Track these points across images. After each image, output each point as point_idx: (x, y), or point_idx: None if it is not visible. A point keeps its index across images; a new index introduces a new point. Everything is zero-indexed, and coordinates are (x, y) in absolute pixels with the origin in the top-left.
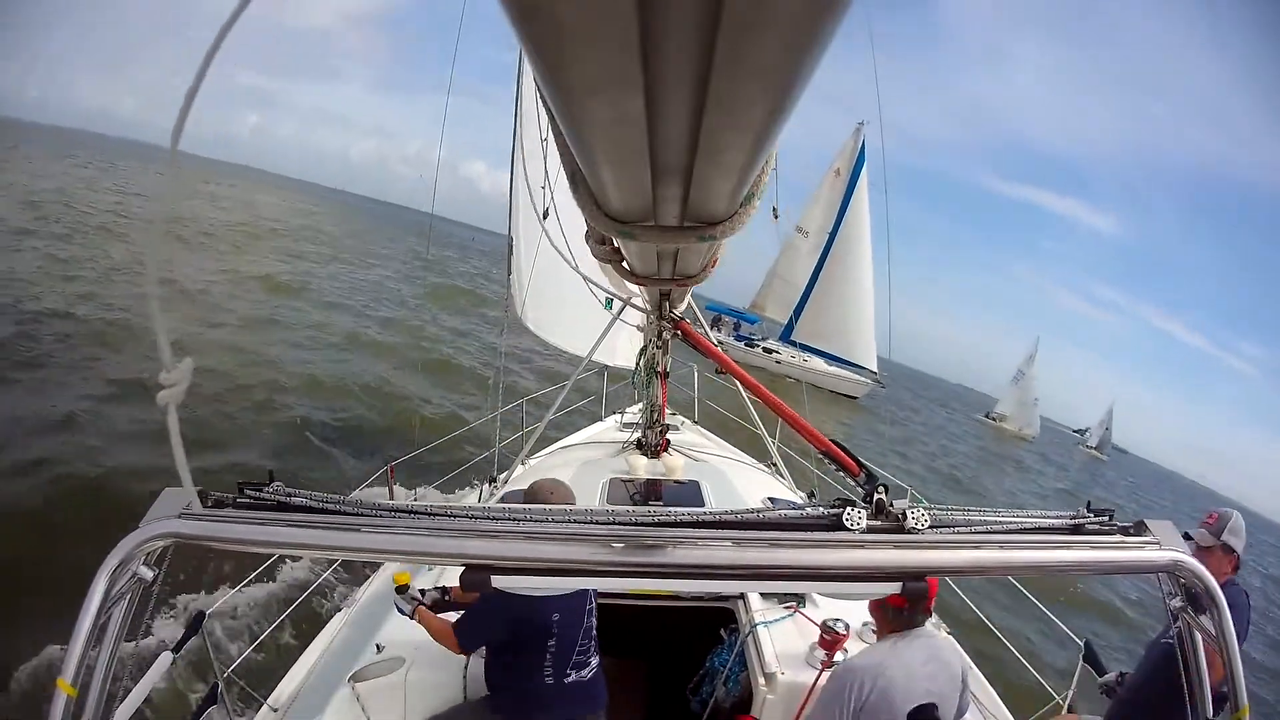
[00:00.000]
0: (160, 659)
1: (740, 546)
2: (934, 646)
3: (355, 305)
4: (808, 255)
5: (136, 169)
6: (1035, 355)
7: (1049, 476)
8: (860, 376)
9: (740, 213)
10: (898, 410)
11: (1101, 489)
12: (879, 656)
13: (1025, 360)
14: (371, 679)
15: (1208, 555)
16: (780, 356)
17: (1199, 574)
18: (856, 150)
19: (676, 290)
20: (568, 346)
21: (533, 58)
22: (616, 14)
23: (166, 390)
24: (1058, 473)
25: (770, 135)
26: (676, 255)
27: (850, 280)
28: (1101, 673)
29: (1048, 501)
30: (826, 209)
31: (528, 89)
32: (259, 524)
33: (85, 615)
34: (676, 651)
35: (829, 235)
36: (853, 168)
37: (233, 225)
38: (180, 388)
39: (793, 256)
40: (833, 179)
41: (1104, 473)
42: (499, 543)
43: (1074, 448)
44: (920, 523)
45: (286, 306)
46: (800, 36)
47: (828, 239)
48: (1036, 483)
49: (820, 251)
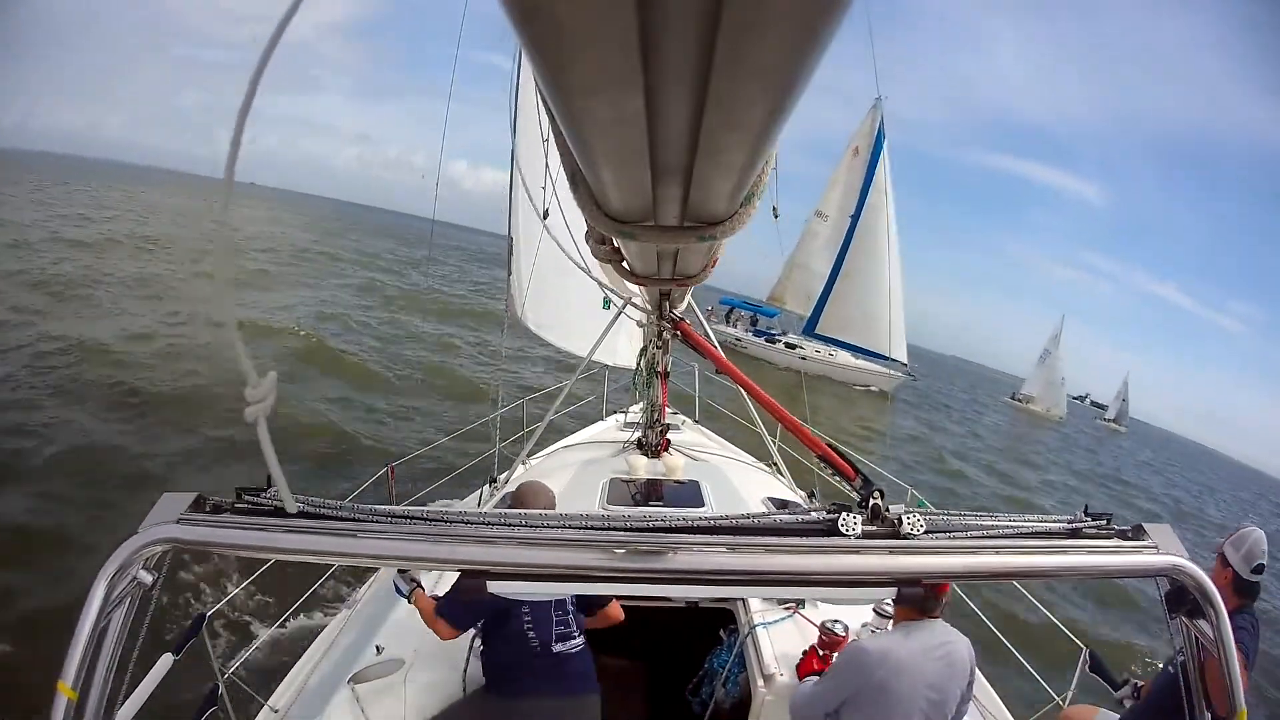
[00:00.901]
0: (161, 661)
1: (736, 552)
2: (946, 640)
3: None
4: (828, 241)
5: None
6: (1060, 334)
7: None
8: (890, 369)
9: (740, 213)
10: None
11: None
12: (890, 642)
13: (1051, 339)
14: (371, 680)
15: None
16: (804, 352)
17: (1197, 578)
18: (875, 127)
19: (676, 290)
20: (569, 347)
21: (533, 58)
22: (616, 14)
23: (254, 405)
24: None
25: (770, 135)
26: (676, 255)
27: (875, 266)
28: (1111, 682)
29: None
30: (846, 191)
31: (527, 89)
32: (256, 529)
33: (85, 619)
34: (676, 652)
35: (851, 218)
36: (873, 146)
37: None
38: (268, 402)
39: (812, 243)
40: (851, 159)
41: (1136, 450)
42: (495, 548)
43: (1093, 422)
44: (916, 528)
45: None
46: (800, 36)
47: (850, 223)
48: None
49: (843, 237)
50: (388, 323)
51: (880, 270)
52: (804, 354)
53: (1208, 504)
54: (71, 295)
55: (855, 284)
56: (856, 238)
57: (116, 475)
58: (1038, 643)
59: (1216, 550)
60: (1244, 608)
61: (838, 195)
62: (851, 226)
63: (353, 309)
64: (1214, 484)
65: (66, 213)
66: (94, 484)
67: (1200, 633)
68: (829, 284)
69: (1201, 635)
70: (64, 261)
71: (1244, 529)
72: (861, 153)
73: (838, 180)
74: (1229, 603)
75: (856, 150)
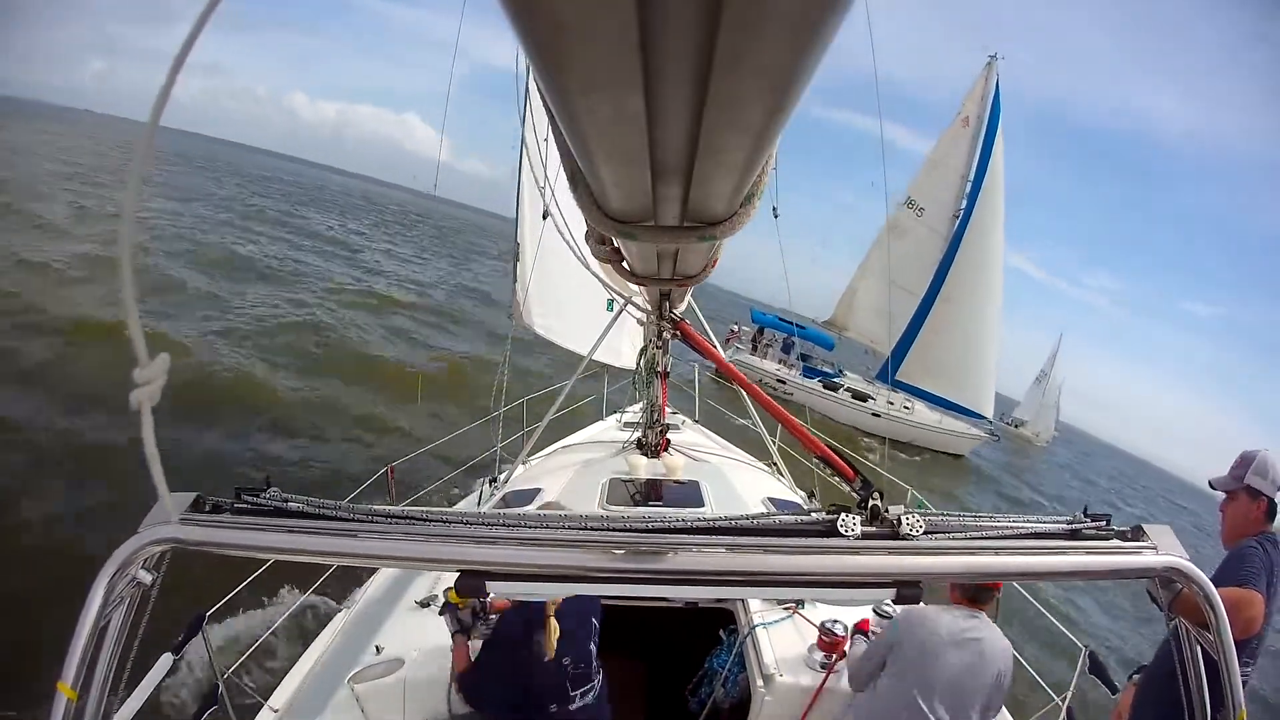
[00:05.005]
0: (160, 661)
1: (735, 553)
2: (984, 634)
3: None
4: (920, 246)
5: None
6: (1057, 354)
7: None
8: (975, 429)
9: (741, 212)
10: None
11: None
12: (930, 612)
13: (1048, 360)
14: (370, 680)
15: (1233, 503)
16: (878, 405)
17: (1196, 579)
18: (990, 93)
19: (676, 290)
20: (575, 348)
21: (532, 57)
22: (616, 13)
23: (141, 388)
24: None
25: (771, 135)
26: (676, 255)
27: (985, 287)
28: (1110, 684)
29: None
30: (948, 177)
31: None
32: (256, 529)
33: (85, 619)
34: (676, 653)
35: (962, 215)
36: (989, 117)
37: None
38: (156, 385)
39: (898, 244)
40: (959, 130)
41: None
42: (495, 549)
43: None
44: (915, 529)
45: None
46: (800, 36)
47: (957, 224)
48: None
49: (945, 243)
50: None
51: (991, 294)
52: (877, 409)
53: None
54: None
55: (957, 311)
56: (965, 245)
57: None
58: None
59: (1228, 489)
60: (1269, 533)
61: (936, 182)
62: (959, 229)
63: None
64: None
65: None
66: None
67: (1201, 634)
68: (922, 309)
69: (1202, 638)
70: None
71: (1257, 455)
72: (971, 123)
73: (938, 161)
74: (1256, 530)
75: (966, 120)
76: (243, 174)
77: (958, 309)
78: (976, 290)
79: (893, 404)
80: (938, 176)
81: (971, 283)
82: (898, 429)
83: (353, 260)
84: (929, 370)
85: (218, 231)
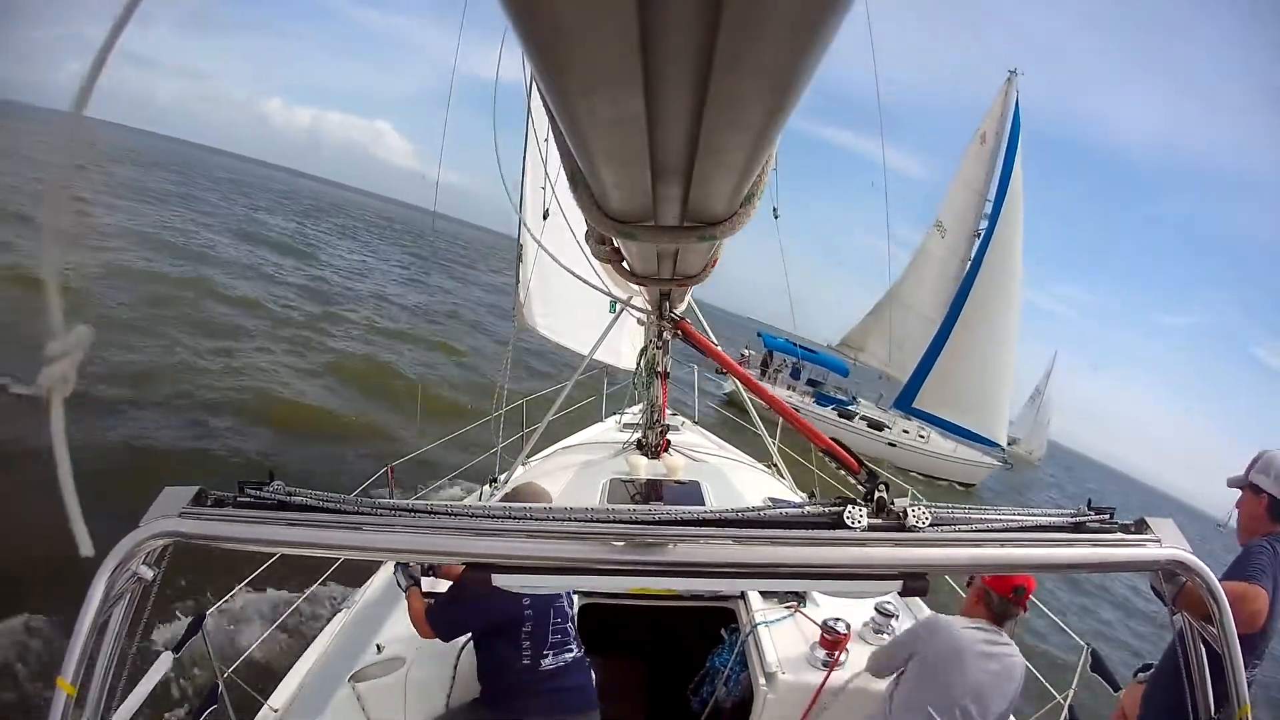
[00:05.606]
0: (161, 659)
1: (741, 544)
2: (1009, 652)
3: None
4: (943, 266)
5: None
6: (1051, 372)
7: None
8: (988, 458)
9: (741, 212)
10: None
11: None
12: (958, 625)
13: (1042, 378)
14: (371, 679)
15: (1242, 502)
16: (893, 435)
17: (1200, 572)
18: (1010, 110)
19: (677, 290)
20: (579, 348)
21: (532, 57)
22: (616, 14)
23: (54, 365)
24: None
25: (771, 135)
26: (677, 255)
27: (1004, 310)
28: (1112, 682)
29: None
30: (970, 196)
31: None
32: (259, 523)
33: (85, 614)
34: (677, 651)
35: (982, 235)
36: (1009, 134)
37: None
38: (70, 363)
39: (924, 268)
40: (977, 148)
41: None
42: (500, 541)
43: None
44: (921, 520)
45: None
46: (801, 36)
47: (978, 244)
48: None
49: (965, 265)
50: None
51: (1010, 318)
52: (893, 438)
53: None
54: None
55: (976, 338)
56: (985, 267)
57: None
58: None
59: (1239, 484)
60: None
61: (957, 202)
62: (980, 251)
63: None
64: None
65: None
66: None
67: (1204, 628)
68: (941, 335)
69: (1205, 630)
70: None
71: (1265, 454)
72: (989, 141)
73: (963, 179)
74: (1265, 529)
75: (984, 137)
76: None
77: (976, 335)
78: (996, 315)
79: (908, 433)
80: (955, 200)
81: (991, 307)
82: (914, 459)
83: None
84: (945, 399)
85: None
